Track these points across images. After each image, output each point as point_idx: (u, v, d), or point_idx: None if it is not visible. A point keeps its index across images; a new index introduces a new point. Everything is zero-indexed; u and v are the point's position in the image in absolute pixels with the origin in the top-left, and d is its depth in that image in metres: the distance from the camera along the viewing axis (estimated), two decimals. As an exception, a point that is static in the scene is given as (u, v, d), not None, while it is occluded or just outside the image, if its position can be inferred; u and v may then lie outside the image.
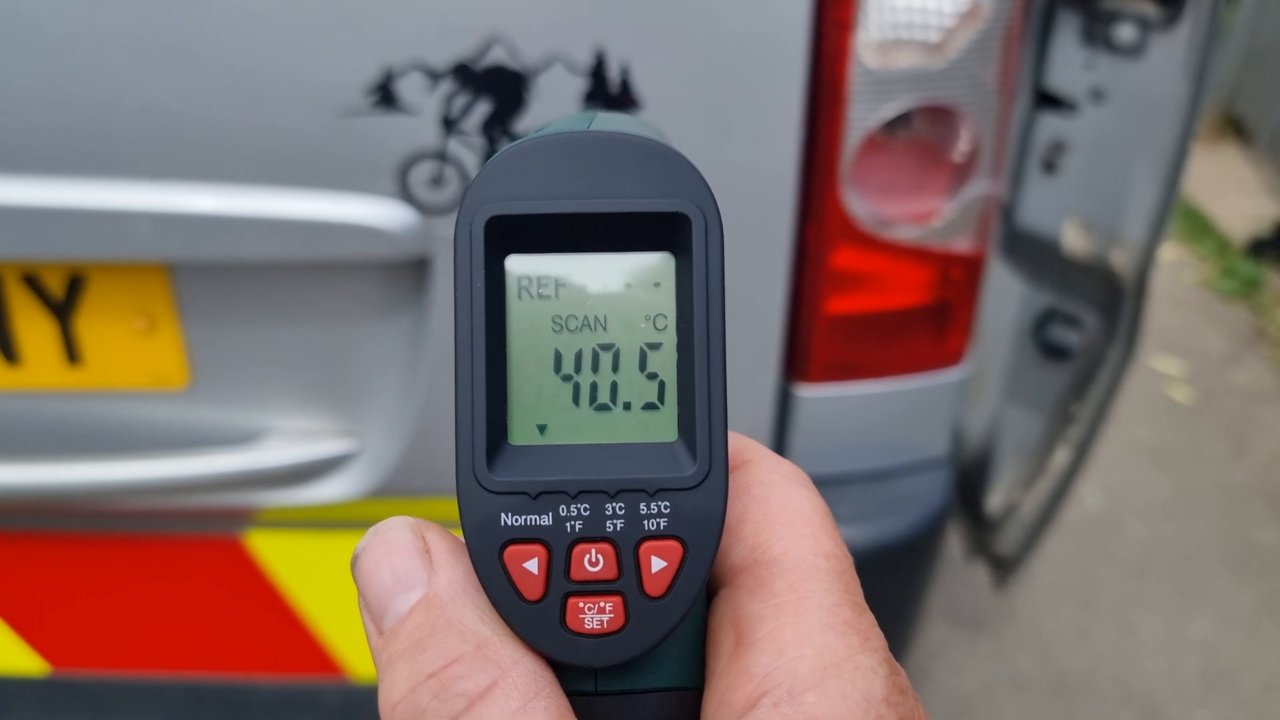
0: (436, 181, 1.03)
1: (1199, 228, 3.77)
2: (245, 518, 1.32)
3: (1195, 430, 3.01)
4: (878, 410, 1.25)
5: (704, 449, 0.36)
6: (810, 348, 1.18)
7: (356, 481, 1.24)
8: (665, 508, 0.36)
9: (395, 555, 0.37)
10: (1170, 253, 3.69)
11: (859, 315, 1.18)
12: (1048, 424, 1.66)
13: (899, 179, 1.12)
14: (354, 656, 1.44)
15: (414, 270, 1.10)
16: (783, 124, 1.04)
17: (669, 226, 0.37)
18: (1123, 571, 2.59)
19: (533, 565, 0.36)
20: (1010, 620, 2.48)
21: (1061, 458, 1.68)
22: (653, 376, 0.38)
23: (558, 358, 0.37)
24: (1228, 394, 3.12)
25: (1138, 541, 2.66)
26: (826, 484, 1.26)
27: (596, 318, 0.38)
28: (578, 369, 0.38)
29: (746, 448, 0.43)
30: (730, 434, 0.39)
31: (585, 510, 0.36)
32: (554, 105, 0.99)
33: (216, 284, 1.14)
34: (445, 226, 1.05)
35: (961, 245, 1.15)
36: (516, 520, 0.36)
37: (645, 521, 0.36)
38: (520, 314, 0.37)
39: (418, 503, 1.27)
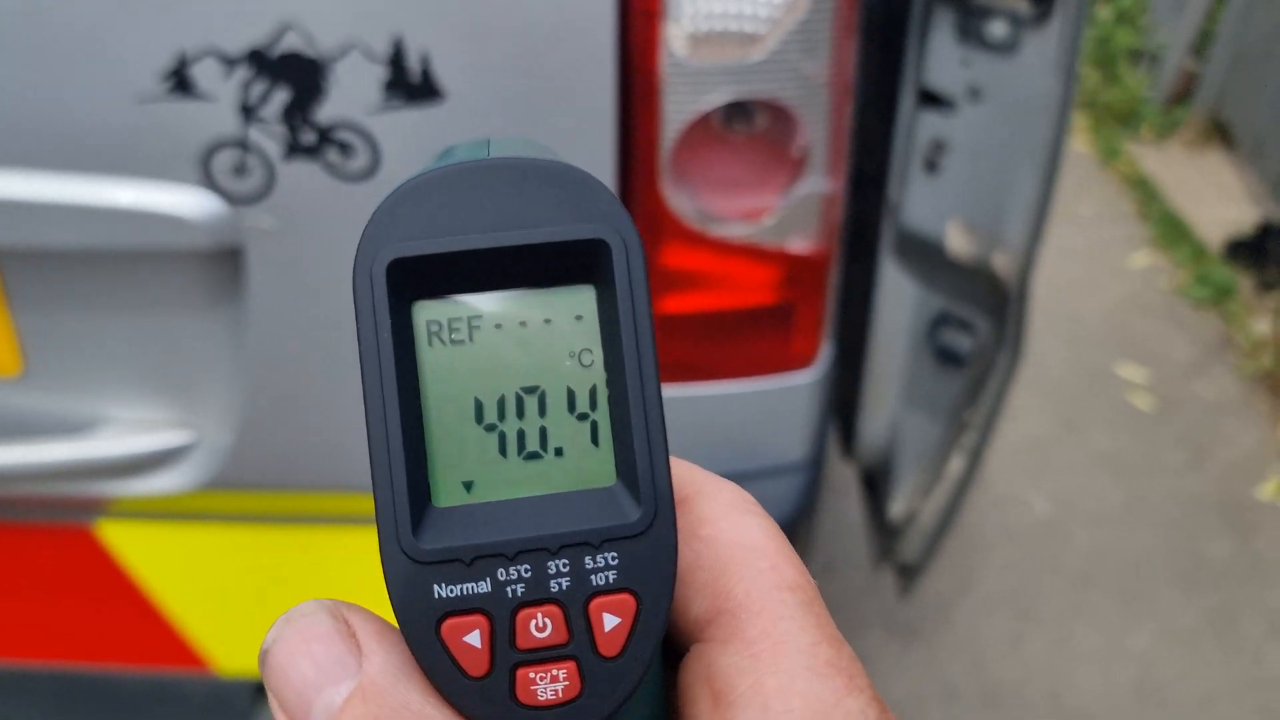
0: (240, 170, 1.00)
1: (1176, 234, 3.71)
2: (94, 507, 1.30)
3: (1154, 439, 2.96)
4: (723, 413, 1.22)
5: (647, 490, 0.34)
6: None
7: (194, 473, 1.22)
8: (613, 559, 0.34)
9: (316, 644, 0.33)
10: (1144, 259, 3.64)
11: (695, 315, 1.15)
12: (944, 430, 1.63)
13: (726, 175, 1.09)
14: (217, 649, 1.43)
15: (227, 261, 1.08)
16: (596, 117, 1.01)
17: (586, 255, 0.35)
18: (1066, 581, 2.55)
19: (474, 638, 0.33)
20: (946, 629, 2.44)
21: (957, 464, 1.64)
22: (583, 417, 0.36)
23: (478, 407, 0.35)
24: (1191, 403, 3.07)
25: (1084, 551, 2.62)
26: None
27: (517, 360, 0.35)
28: (501, 417, 0.35)
29: (686, 479, 0.40)
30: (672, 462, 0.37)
31: (526, 571, 0.34)
32: (354, 93, 0.97)
33: (44, 271, 1.12)
34: (255, 216, 1.03)
35: (799, 244, 1.12)
36: (452, 590, 0.33)
37: (593, 576, 0.34)
38: (433, 363, 0.35)
39: (256, 495, 1.25)
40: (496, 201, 0.34)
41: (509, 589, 0.33)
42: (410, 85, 0.98)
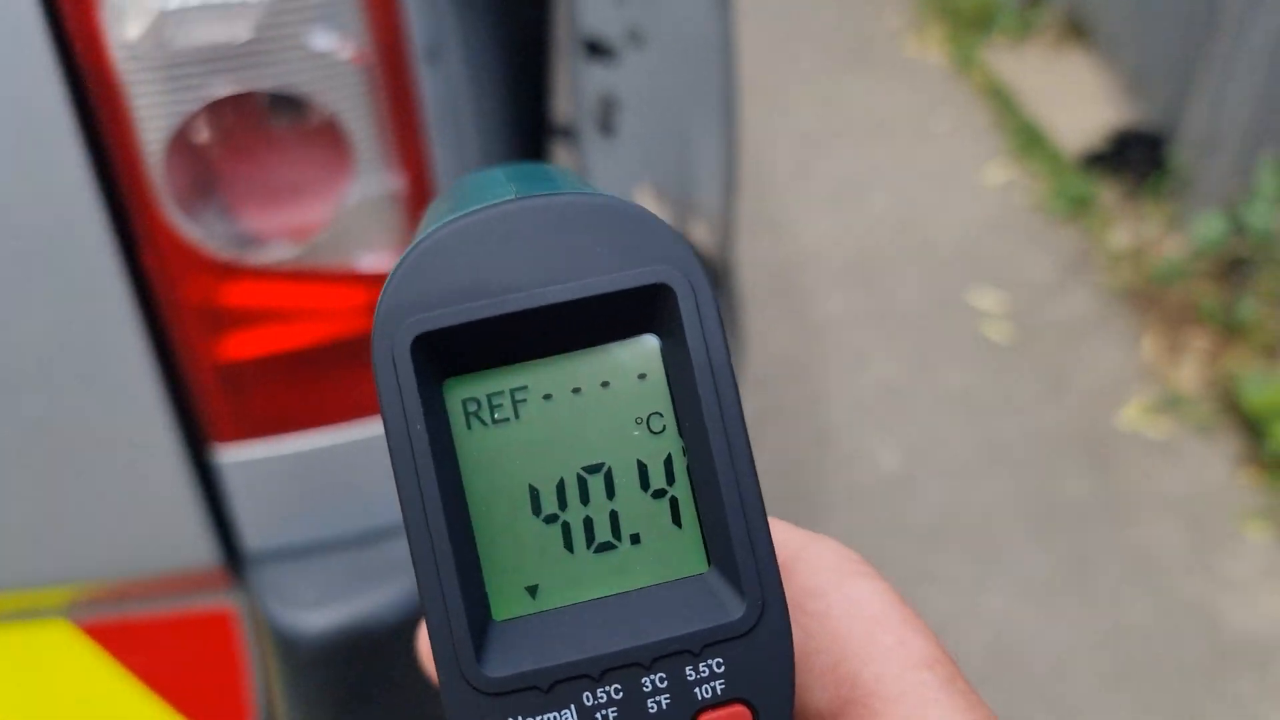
0: None
1: (1034, 145, 3.51)
2: None
3: (1011, 372, 2.77)
4: (336, 464, 0.98)
5: (750, 576, 0.29)
6: (214, 403, 0.91)
7: None
8: (719, 666, 0.29)
9: None
10: (1001, 174, 3.43)
11: (268, 358, 0.91)
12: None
13: (252, 187, 0.84)
14: None
15: None
16: (52, 137, 0.76)
17: (647, 303, 0.30)
18: (914, 542, 2.36)
19: None
20: (786, 607, 2.24)
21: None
22: (660, 494, 0.31)
23: (534, 495, 0.31)
24: (1049, 328, 2.88)
25: (934, 506, 2.43)
26: (292, 557, 1.00)
27: (574, 434, 0.31)
28: (563, 504, 0.31)
29: (777, 541, 0.35)
30: None
31: (618, 692, 0.29)
32: None
33: None
34: None
35: (372, 260, 0.88)
36: None
37: (697, 689, 0.29)
38: (475, 449, 0.30)
39: None
40: (532, 251, 0.30)
41: (599, 714, 0.29)
42: None
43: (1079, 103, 3.63)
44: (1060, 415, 2.65)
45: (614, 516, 0.31)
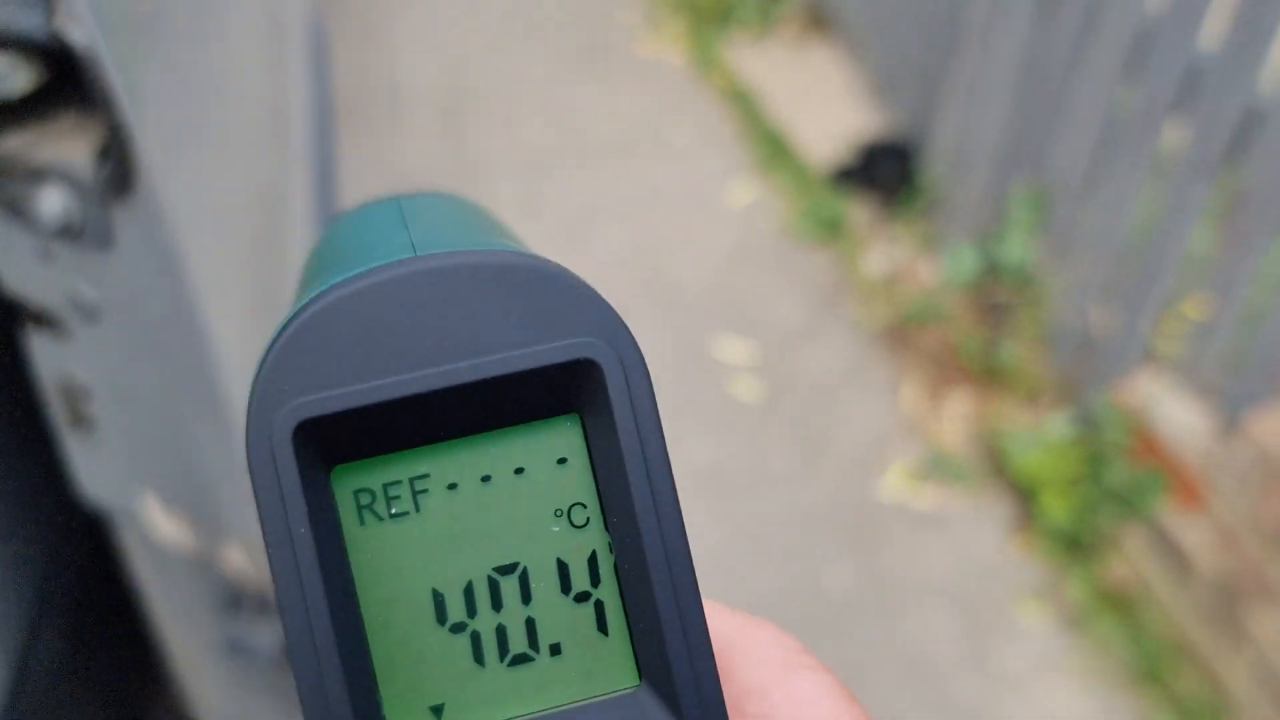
0: None
1: (778, 155, 3.22)
2: None
3: (763, 439, 2.48)
4: None
5: (690, 699, 0.26)
6: None
7: None
8: None
9: None
10: (746, 192, 3.13)
11: None
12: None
13: None
14: None
15: None
16: None
17: (569, 380, 0.27)
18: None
19: None
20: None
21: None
22: (584, 597, 0.28)
23: (438, 601, 0.27)
24: (801, 381, 2.61)
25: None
26: None
27: (484, 530, 0.27)
28: (471, 611, 0.27)
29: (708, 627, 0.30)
30: None
31: None
32: None
33: None
34: None
35: None
36: None
37: None
38: (369, 548, 0.27)
39: None
40: (434, 321, 0.26)
41: None
42: None
43: (825, 107, 3.36)
44: (819, 489, 2.38)
45: (530, 624, 0.28)
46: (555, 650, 0.28)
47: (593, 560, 0.28)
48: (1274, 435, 1.88)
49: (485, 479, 0.28)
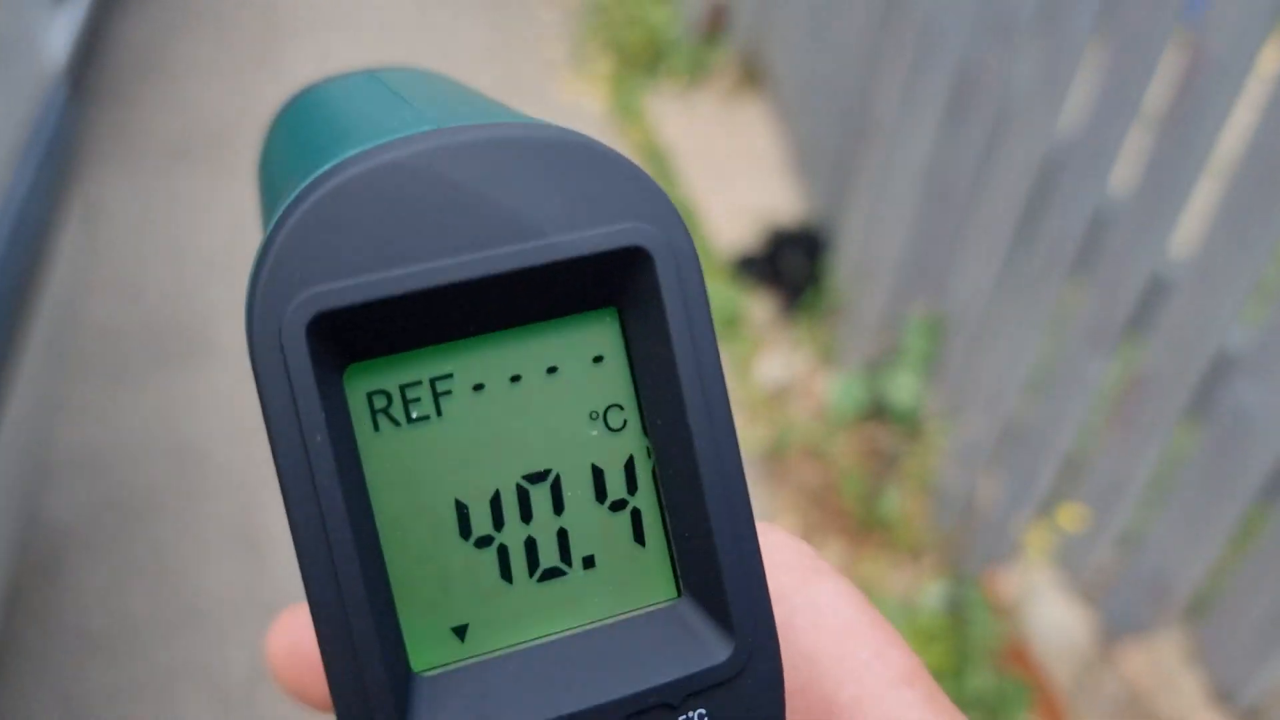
0: None
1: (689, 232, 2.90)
2: None
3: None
4: None
5: (743, 610, 0.24)
6: None
7: None
8: (701, 719, 0.24)
9: None
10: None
11: None
12: None
13: None
14: None
15: None
16: None
17: (614, 271, 0.25)
18: None
19: None
20: None
21: None
22: (620, 506, 0.26)
23: (462, 513, 0.25)
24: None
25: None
26: None
27: (512, 435, 0.25)
28: (498, 524, 0.25)
29: None
30: None
31: None
32: None
33: None
34: None
35: None
36: None
37: None
38: (385, 457, 0.24)
39: None
40: (466, 202, 0.23)
41: None
42: None
43: (742, 178, 3.06)
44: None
45: (563, 535, 0.26)
46: (588, 563, 0.25)
47: (629, 466, 0.25)
48: (1145, 672, 1.58)
49: (515, 379, 0.25)
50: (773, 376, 2.56)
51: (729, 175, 3.06)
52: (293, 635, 0.32)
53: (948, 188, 2.11)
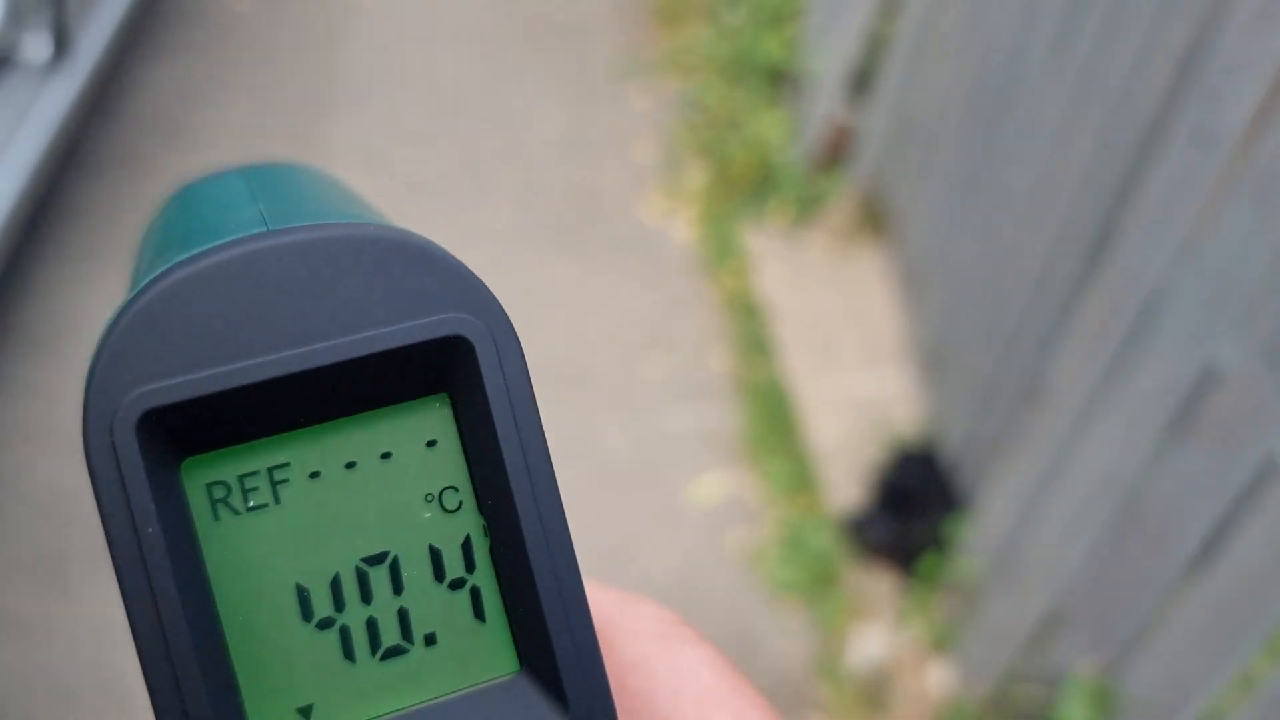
0: None
1: (773, 430, 2.38)
2: None
3: None
4: None
5: (574, 681, 0.26)
6: None
7: None
8: None
9: None
10: (717, 485, 2.30)
11: None
12: None
13: None
14: None
15: None
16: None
17: (437, 358, 0.26)
18: None
19: None
20: None
21: None
22: (459, 584, 0.27)
23: (303, 597, 0.26)
24: None
25: None
26: None
27: (350, 519, 0.26)
28: (339, 605, 0.26)
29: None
30: None
31: None
32: None
33: None
34: None
35: None
36: None
37: None
38: (225, 545, 0.25)
39: None
40: (293, 299, 0.25)
41: None
42: None
43: (852, 355, 2.51)
44: None
45: (403, 615, 0.27)
46: (430, 640, 0.26)
47: (467, 545, 0.27)
48: None
49: (350, 465, 0.26)
50: (868, 656, 2.02)
51: (835, 349, 2.52)
52: None
53: (1154, 521, 1.56)
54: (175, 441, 0.24)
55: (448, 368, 0.26)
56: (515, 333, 0.27)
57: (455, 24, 3.36)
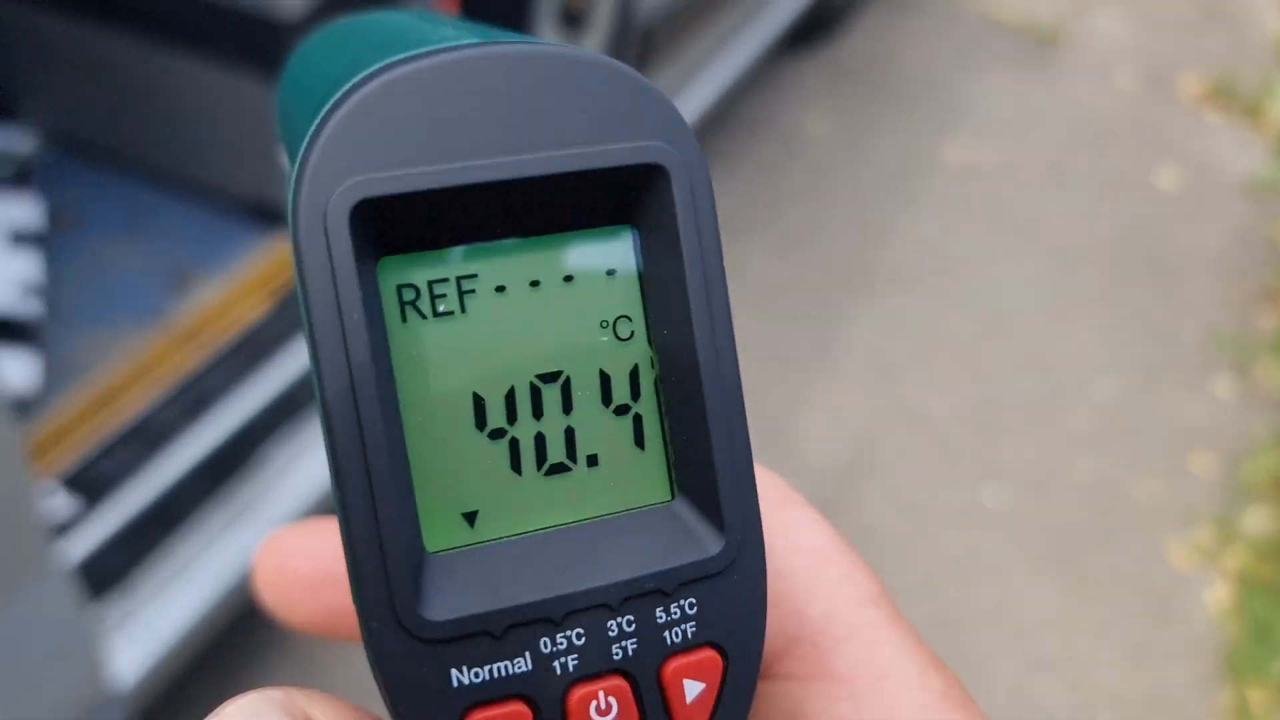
0: None
1: None
2: None
3: None
4: None
5: (733, 509, 0.26)
6: None
7: None
8: (691, 607, 0.26)
9: None
10: None
11: None
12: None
13: None
14: None
15: None
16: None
17: (632, 186, 0.26)
18: None
19: None
20: None
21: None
22: (623, 410, 0.27)
23: (479, 405, 0.26)
24: None
25: None
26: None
27: (529, 336, 0.26)
28: (511, 418, 0.26)
29: None
30: None
31: (580, 638, 0.25)
32: None
33: None
34: None
35: None
36: (478, 674, 0.24)
37: (667, 633, 0.26)
38: (411, 347, 0.25)
39: None
40: (501, 111, 0.25)
41: (558, 663, 0.25)
42: None
43: None
44: None
45: (570, 434, 0.27)
46: (592, 461, 0.27)
47: (634, 374, 0.27)
48: None
49: (535, 284, 0.26)
50: None
51: None
52: (280, 556, 0.33)
53: None
54: (377, 237, 0.24)
55: (639, 197, 0.26)
56: (707, 169, 0.26)
57: (1035, 220, 2.88)
